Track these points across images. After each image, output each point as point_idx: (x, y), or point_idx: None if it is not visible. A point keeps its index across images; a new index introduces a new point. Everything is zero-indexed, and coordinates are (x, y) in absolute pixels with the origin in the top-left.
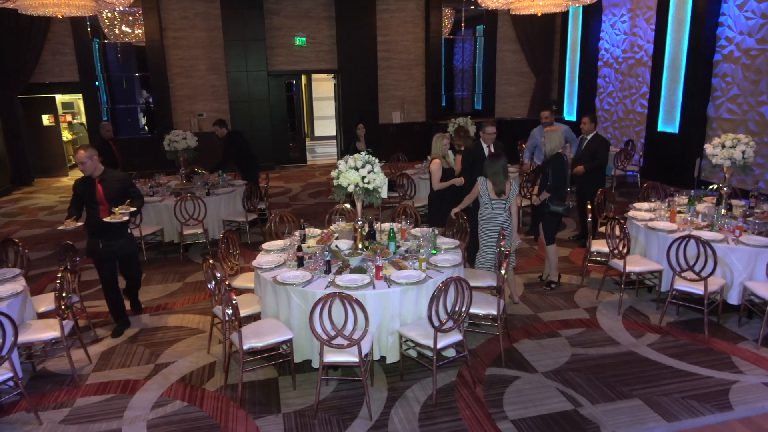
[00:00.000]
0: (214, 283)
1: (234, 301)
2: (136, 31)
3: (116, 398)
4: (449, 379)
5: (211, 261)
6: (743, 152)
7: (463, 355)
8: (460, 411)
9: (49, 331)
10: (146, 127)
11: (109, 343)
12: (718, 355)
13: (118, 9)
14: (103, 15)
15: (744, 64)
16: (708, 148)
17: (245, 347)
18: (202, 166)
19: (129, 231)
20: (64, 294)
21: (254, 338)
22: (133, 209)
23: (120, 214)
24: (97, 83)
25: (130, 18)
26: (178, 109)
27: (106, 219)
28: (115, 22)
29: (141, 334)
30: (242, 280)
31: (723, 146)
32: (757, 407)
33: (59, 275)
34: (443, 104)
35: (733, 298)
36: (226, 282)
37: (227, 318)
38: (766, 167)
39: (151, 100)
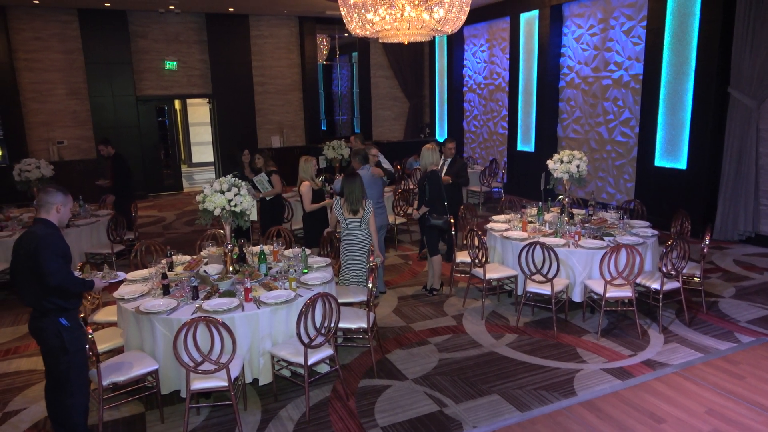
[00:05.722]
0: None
1: (90, 335)
2: None
3: None
4: (323, 394)
5: None
6: (578, 166)
7: (335, 369)
8: (333, 424)
9: None
10: None
11: None
12: (565, 348)
13: None
14: None
15: (583, 89)
16: (549, 164)
17: (105, 383)
18: None
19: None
20: None
21: (115, 373)
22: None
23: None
24: None
25: None
26: (33, 137)
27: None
28: None
29: None
30: (104, 314)
31: (561, 161)
32: (596, 390)
33: None
34: (324, 128)
35: (577, 296)
36: (81, 315)
37: None
38: (606, 180)
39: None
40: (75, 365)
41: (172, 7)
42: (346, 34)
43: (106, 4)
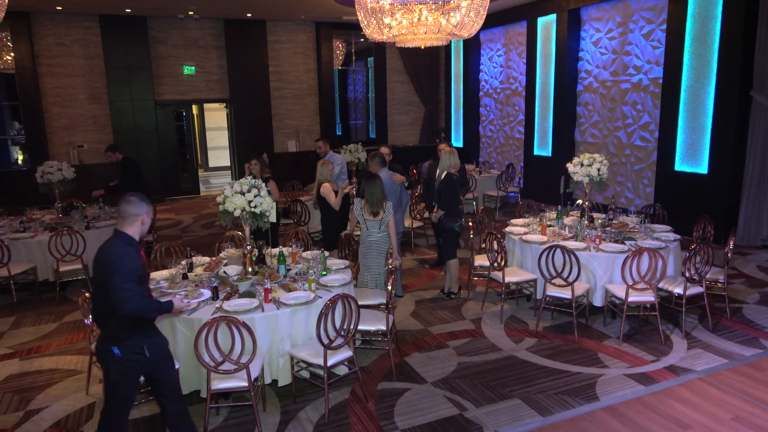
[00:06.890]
0: (91, 317)
1: None
2: (5, 58)
3: None
4: (342, 396)
5: (87, 294)
6: (599, 170)
7: (355, 371)
8: (352, 426)
9: None
10: (20, 161)
11: None
12: (586, 352)
13: None
14: None
15: (601, 93)
16: (569, 167)
17: None
18: (81, 200)
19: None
20: None
21: None
22: None
23: None
24: None
25: None
26: (54, 141)
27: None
28: None
29: (8, 380)
30: None
31: (582, 165)
32: (618, 396)
33: None
34: (339, 133)
35: (598, 300)
36: None
37: None
38: (625, 184)
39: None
40: (113, 397)
41: (191, 13)
42: (362, 39)
43: (126, 11)
